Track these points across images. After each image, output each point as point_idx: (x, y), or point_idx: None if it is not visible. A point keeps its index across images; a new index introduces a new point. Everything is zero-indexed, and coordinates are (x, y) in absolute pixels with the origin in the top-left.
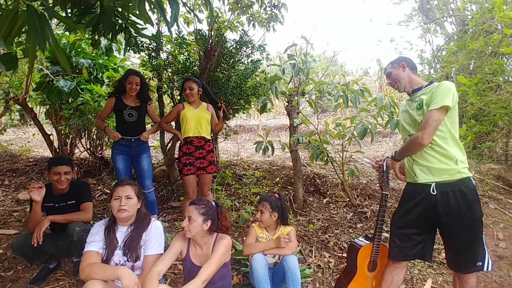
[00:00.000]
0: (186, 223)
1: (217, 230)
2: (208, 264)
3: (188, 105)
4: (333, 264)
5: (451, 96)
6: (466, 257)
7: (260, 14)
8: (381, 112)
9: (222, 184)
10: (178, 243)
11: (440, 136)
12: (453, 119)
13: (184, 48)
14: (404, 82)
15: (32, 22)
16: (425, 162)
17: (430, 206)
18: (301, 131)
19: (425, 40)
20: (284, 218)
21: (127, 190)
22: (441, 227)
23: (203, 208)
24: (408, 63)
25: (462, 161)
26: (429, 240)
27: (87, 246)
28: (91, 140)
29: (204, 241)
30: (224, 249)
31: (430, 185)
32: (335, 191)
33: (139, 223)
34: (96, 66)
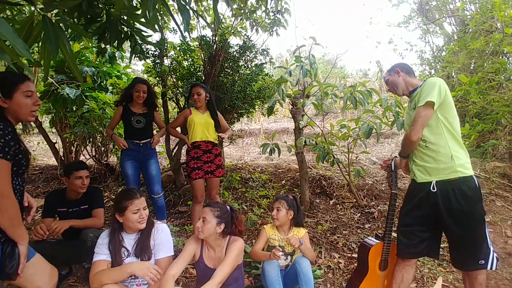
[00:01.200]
0: (200, 224)
1: (231, 233)
2: (222, 266)
3: (195, 110)
4: (343, 265)
5: (436, 91)
6: (467, 254)
7: (263, 19)
8: (386, 112)
9: (229, 188)
10: (192, 246)
11: (434, 133)
12: (448, 114)
13: (188, 54)
14: (401, 87)
15: (47, 31)
16: (421, 162)
17: (432, 204)
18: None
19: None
20: (298, 219)
21: (143, 202)
22: (443, 224)
23: (218, 211)
24: (402, 68)
25: (458, 157)
26: (434, 238)
27: (96, 256)
28: (96, 147)
29: (217, 244)
30: (237, 251)
31: (430, 183)
32: (342, 192)
33: (147, 230)
34: (100, 73)
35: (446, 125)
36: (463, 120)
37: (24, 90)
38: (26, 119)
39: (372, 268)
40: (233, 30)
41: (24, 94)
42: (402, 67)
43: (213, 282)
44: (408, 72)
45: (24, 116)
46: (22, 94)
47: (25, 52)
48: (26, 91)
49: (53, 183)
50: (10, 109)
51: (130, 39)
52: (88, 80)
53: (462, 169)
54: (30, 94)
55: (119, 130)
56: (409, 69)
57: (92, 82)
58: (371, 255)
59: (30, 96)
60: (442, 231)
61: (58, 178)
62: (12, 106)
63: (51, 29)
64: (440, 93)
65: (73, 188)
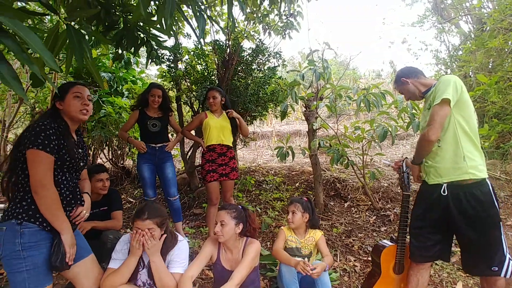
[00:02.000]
0: (219, 228)
1: (246, 232)
2: (240, 268)
3: (211, 113)
4: (359, 268)
5: (451, 88)
6: (478, 258)
7: (276, 23)
8: (401, 114)
9: (243, 190)
10: (209, 247)
11: (447, 132)
12: (464, 112)
13: (202, 58)
14: (416, 93)
15: (72, 40)
16: (432, 163)
17: (443, 207)
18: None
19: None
20: (314, 221)
21: (147, 224)
22: (455, 227)
23: (234, 212)
24: (407, 74)
25: (471, 158)
26: (445, 241)
27: (111, 262)
28: (113, 150)
29: (234, 245)
30: (254, 253)
31: (441, 186)
32: (356, 194)
33: (166, 247)
34: (116, 79)
35: (461, 124)
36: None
37: (73, 91)
38: (78, 117)
39: (385, 271)
40: (246, 34)
41: (73, 95)
42: (407, 74)
43: (232, 283)
44: (416, 75)
45: (75, 114)
46: (72, 95)
47: (52, 64)
48: (75, 92)
49: None
50: (64, 110)
51: (146, 45)
52: (104, 85)
53: (474, 171)
54: (79, 95)
55: (135, 133)
56: (415, 71)
57: (108, 87)
58: (383, 257)
59: (78, 97)
60: (453, 234)
61: None
62: (65, 107)
63: (75, 37)
64: (456, 90)
65: (94, 190)
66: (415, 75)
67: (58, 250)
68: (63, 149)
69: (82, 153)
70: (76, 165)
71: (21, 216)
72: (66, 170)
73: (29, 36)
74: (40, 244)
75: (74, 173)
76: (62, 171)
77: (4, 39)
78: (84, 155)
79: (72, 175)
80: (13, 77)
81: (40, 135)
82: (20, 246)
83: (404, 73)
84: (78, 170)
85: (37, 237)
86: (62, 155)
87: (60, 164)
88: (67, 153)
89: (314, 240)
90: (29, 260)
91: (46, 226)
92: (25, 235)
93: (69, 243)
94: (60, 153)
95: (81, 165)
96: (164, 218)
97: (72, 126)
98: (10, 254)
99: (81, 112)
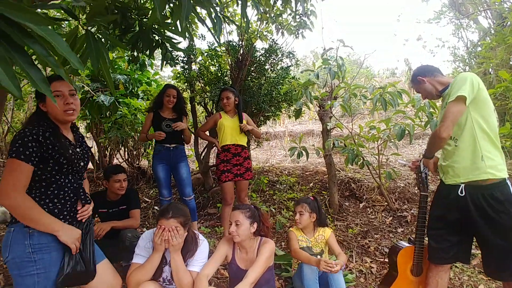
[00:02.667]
0: (234, 228)
1: (260, 232)
2: (254, 267)
3: (225, 114)
4: (375, 270)
5: (467, 85)
6: (501, 265)
7: (289, 22)
8: (419, 113)
9: (257, 190)
10: (224, 247)
11: (464, 131)
12: (483, 111)
13: (215, 59)
14: (433, 92)
15: (90, 45)
16: (450, 162)
17: (462, 208)
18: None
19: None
20: (321, 220)
21: (172, 223)
22: (475, 230)
23: (248, 211)
24: (423, 73)
25: (490, 158)
26: (465, 243)
27: (135, 257)
28: (129, 151)
29: (249, 245)
30: (269, 253)
31: (459, 186)
32: (372, 195)
33: (187, 246)
34: (131, 81)
35: (480, 123)
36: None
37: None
38: (63, 118)
39: (403, 273)
40: (259, 34)
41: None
42: (423, 73)
43: (246, 282)
44: (432, 73)
45: (59, 115)
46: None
47: (79, 66)
48: (54, 92)
49: (90, 185)
50: (49, 112)
51: (161, 47)
52: (120, 87)
53: (493, 171)
54: (59, 93)
55: None
56: (431, 69)
57: (124, 89)
58: (400, 259)
59: (58, 96)
60: (473, 235)
61: (94, 180)
62: (48, 109)
63: (93, 42)
64: (473, 88)
65: (113, 190)
66: (432, 73)
67: (62, 270)
68: (56, 154)
69: (81, 152)
70: (76, 165)
71: None
72: (67, 172)
73: (56, 40)
74: (51, 247)
75: (76, 174)
76: (64, 174)
77: (33, 44)
78: (83, 154)
79: (74, 176)
80: (42, 80)
81: (16, 143)
82: (30, 248)
83: (421, 71)
84: (80, 171)
85: (47, 239)
86: (57, 159)
87: (58, 169)
88: (61, 156)
89: (324, 238)
90: (40, 263)
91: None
92: (34, 236)
93: (69, 239)
94: (54, 158)
95: (82, 165)
96: (188, 218)
97: (62, 126)
98: (20, 256)
99: (65, 113)
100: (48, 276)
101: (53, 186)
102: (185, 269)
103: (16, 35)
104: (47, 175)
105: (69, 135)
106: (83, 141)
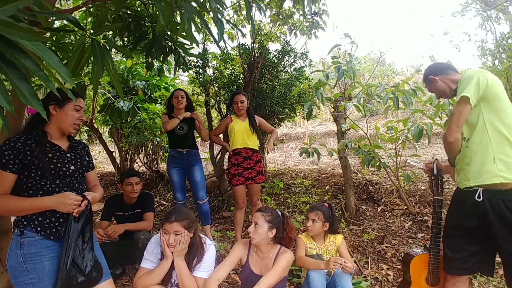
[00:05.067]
0: (252, 228)
1: (281, 240)
2: (268, 276)
3: (236, 117)
4: (392, 277)
5: (472, 84)
6: None
7: (301, 23)
8: (438, 112)
9: (271, 194)
10: (238, 250)
11: (475, 131)
12: (495, 109)
13: (229, 62)
14: (446, 91)
15: (95, 53)
16: (461, 165)
17: (480, 215)
18: (349, 136)
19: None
20: (334, 228)
21: (175, 227)
22: (496, 238)
23: (269, 216)
24: (434, 72)
25: (504, 160)
26: (485, 252)
27: (143, 262)
28: (148, 155)
29: (267, 250)
30: (286, 263)
31: (476, 191)
32: (390, 198)
33: (193, 251)
34: (150, 86)
35: (493, 123)
36: None
37: (75, 104)
38: (68, 130)
39: (416, 282)
40: (271, 36)
41: (74, 107)
42: (434, 72)
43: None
44: (444, 71)
45: (66, 126)
46: (73, 107)
47: (69, 79)
48: (77, 105)
49: (111, 188)
50: (56, 118)
51: (174, 53)
52: (139, 92)
53: (507, 175)
54: (79, 108)
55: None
56: (443, 67)
57: (143, 94)
58: (413, 267)
59: (78, 111)
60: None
61: (116, 184)
62: (60, 115)
63: (99, 51)
64: (478, 86)
65: (126, 193)
66: (444, 71)
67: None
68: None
69: (72, 157)
70: (62, 170)
71: (21, 224)
72: (53, 177)
73: (47, 55)
74: (42, 256)
75: (66, 178)
76: (49, 180)
77: (25, 60)
78: (75, 159)
79: (64, 180)
80: (32, 94)
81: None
82: (21, 257)
83: (432, 70)
84: (72, 175)
85: (37, 248)
86: (37, 164)
87: (41, 174)
88: (40, 161)
89: (335, 245)
90: (33, 272)
91: (49, 234)
92: (25, 245)
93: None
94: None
95: (72, 169)
96: (191, 221)
97: (55, 134)
98: (14, 265)
99: (73, 126)
100: (43, 286)
101: (40, 193)
102: (189, 275)
103: (9, 52)
104: (33, 182)
105: (61, 142)
106: (79, 148)
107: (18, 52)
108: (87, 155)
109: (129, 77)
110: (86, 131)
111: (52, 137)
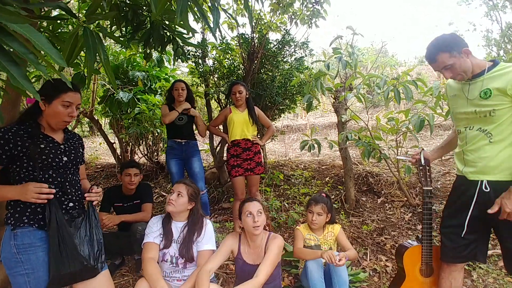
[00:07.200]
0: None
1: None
2: (264, 265)
3: (235, 108)
4: (390, 269)
5: None
6: None
7: (302, 12)
8: (439, 102)
9: (270, 185)
10: (229, 241)
11: (504, 126)
12: None
13: (228, 53)
14: (468, 72)
15: (87, 41)
16: (477, 157)
17: (484, 204)
18: (350, 128)
19: (491, 18)
20: (332, 218)
21: (180, 188)
22: (497, 228)
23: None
24: (467, 45)
25: None
26: (481, 240)
27: (146, 238)
28: (148, 146)
29: (257, 239)
30: (278, 249)
31: (482, 182)
32: (391, 190)
33: (192, 223)
34: (149, 77)
35: None
36: None
37: (63, 99)
38: (56, 126)
39: (410, 274)
40: (272, 25)
41: (61, 103)
42: (466, 44)
43: (257, 280)
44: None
45: (54, 123)
46: (60, 103)
47: (60, 61)
48: (65, 101)
49: (112, 180)
50: (46, 114)
51: (173, 43)
52: (139, 83)
53: None
54: (68, 104)
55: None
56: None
57: (142, 85)
58: (406, 259)
59: (67, 107)
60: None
61: (116, 175)
62: (48, 111)
63: (91, 39)
64: None
65: (124, 184)
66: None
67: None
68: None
69: (65, 148)
70: (57, 161)
71: (12, 218)
72: (46, 168)
73: (35, 37)
74: (36, 247)
75: (59, 169)
76: (42, 170)
77: (11, 42)
78: (69, 150)
79: (57, 171)
80: (22, 76)
81: None
82: (15, 248)
83: (463, 42)
84: (65, 166)
85: (30, 239)
86: (28, 155)
87: (33, 165)
88: (31, 152)
89: (333, 235)
90: (28, 263)
91: (43, 225)
92: (18, 236)
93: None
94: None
95: (65, 160)
96: (195, 194)
97: (48, 127)
98: (8, 257)
99: (63, 123)
100: (38, 276)
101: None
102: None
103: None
104: (25, 172)
105: (55, 135)
106: (74, 139)
107: (4, 34)
108: (81, 147)
109: (128, 68)
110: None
111: (45, 129)
